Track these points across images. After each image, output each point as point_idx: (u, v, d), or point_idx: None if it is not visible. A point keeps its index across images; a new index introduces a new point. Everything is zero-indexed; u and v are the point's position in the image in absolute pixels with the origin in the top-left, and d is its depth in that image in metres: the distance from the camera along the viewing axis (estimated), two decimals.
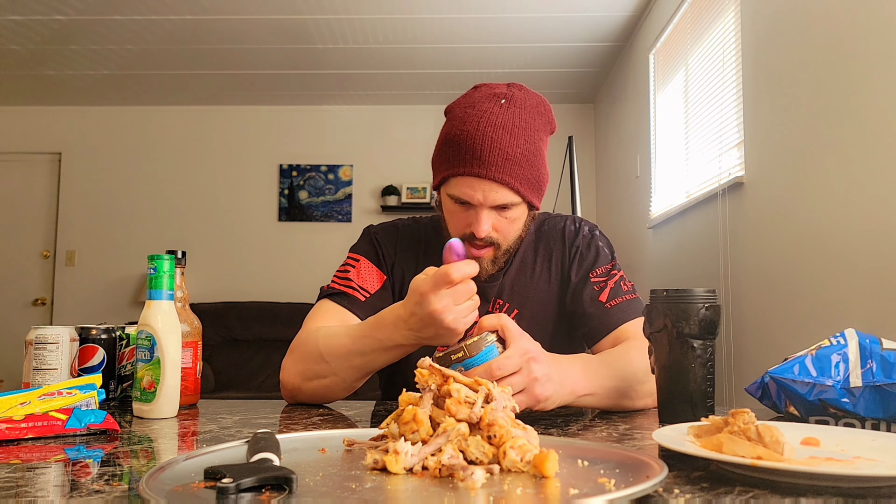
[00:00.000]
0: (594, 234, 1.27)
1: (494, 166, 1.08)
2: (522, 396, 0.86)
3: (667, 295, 0.87)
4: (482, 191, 1.10)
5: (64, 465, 0.68)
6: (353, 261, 1.25)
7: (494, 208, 1.12)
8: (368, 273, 1.23)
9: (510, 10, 3.81)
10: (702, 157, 2.99)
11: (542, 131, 1.15)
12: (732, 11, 2.65)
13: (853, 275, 1.82)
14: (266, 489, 0.53)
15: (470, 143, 1.09)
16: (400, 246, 1.27)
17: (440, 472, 0.58)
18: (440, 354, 0.87)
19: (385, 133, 5.41)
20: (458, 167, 1.11)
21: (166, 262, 1.00)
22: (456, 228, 1.16)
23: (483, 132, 1.09)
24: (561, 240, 1.26)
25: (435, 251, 1.24)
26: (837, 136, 1.90)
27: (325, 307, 1.18)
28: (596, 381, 0.97)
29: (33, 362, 1.04)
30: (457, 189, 1.12)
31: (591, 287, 1.20)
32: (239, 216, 5.37)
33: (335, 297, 1.19)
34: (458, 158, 1.11)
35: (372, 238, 1.28)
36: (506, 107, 1.12)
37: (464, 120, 1.12)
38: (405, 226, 1.31)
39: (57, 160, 5.45)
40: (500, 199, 1.11)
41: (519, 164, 1.10)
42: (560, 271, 1.24)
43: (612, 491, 0.52)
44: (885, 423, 0.87)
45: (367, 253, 1.26)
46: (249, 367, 4.72)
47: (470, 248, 1.14)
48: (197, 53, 4.43)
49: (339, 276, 1.23)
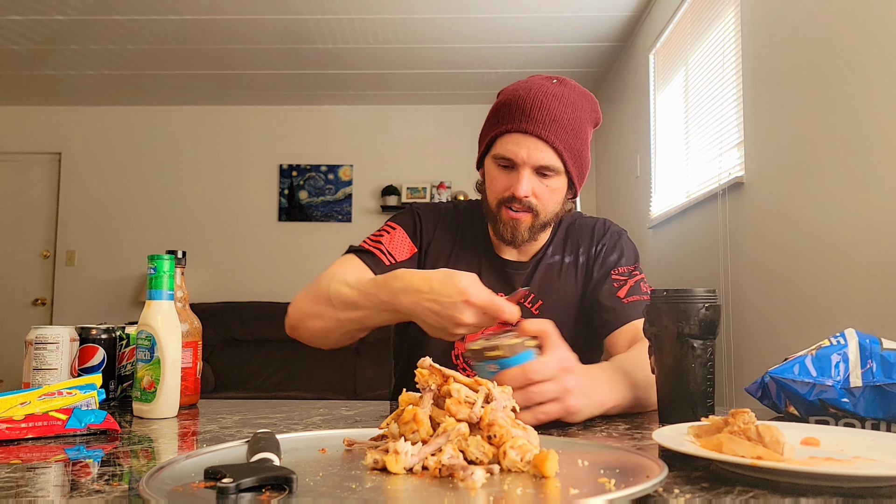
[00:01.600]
0: (621, 235, 1.31)
1: (541, 124, 1.13)
2: (555, 406, 0.84)
3: (667, 295, 0.87)
4: (527, 148, 1.14)
5: (64, 465, 0.68)
6: (389, 228, 1.29)
7: (537, 172, 1.16)
8: (401, 242, 1.26)
9: (510, 10, 3.81)
10: (702, 157, 2.99)
11: (588, 116, 1.20)
12: (732, 11, 2.65)
13: (853, 275, 1.82)
14: (266, 489, 0.53)
15: (520, 103, 1.15)
16: (439, 227, 1.31)
17: (440, 472, 0.58)
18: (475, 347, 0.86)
19: (385, 133, 5.41)
20: (505, 125, 1.16)
21: (166, 262, 1.00)
22: (496, 193, 1.19)
23: (534, 95, 1.15)
24: (589, 237, 1.30)
25: (470, 239, 1.29)
26: (837, 136, 1.90)
27: (350, 260, 1.22)
28: (620, 393, 0.96)
29: (33, 362, 1.04)
30: (502, 147, 1.16)
31: (611, 283, 1.23)
32: (239, 216, 5.37)
33: (361, 253, 1.23)
34: (506, 117, 1.16)
35: (414, 213, 1.32)
36: (557, 84, 1.18)
37: (515, 89, 1.19)
38: (446, 209, 1.35)
39: (57, 160, 5.45)
40: (543, 160, 1.14)
41: (565, 129, 1.15)
42: (585, 267, 1.28)
43: (612, 491, 0.52)
44: (885, 423, 0.87)
45: (405, 225, 1.29)
46: (249, 367, 4.72)
47: (508, 211, 1.18)
48: (197, 53, 4.43)
49: (372, 238, 1.26)
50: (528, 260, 1.28)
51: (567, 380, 0.84)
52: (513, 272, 1.26)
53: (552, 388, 0.83)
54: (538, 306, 1.25)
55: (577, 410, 0.86)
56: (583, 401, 0.87)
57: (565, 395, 0.84)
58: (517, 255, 1.28)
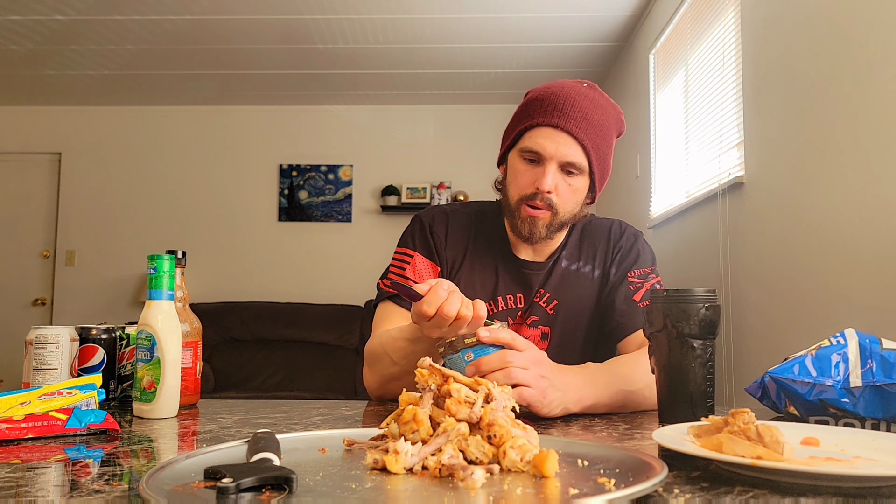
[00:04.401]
0: (637, 237, 1.31)
1: (573, 121, 1.14)
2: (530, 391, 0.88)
3: (667, 295, 0.87)
4: (556, 142, 1.14)
5: (64, 465, 0.68)
6: (406, 256, 1.28)
7: (562, 169, 1.16)
8: (423, 267, 1.26)
9: (510, 10, 3.81)
10: (702, 157, 2.99)
11: (614, 123, 1.21)
12: (732, 11, 2.65)
13: (853, 274, 1.82)
14: (266, 489, 0.53)
15: (552, 98, 1.16)
16: (450, 230, 1.30)
17: (440, 472, 0.58)
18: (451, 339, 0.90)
19: (385, 133, 5.41)
20: (536, 118, 1.16)
21: (166, 262, 1.00)
22: (519, 187, 1.19)
23: (566, 93, 1.17)
24: (606, 238, 1.30)
25: (484, 239, 1.29)
26: (837, 136, 1.90)
27: (388, 310, 1.23)
28: (600, 391, 0.98)
29: (33, 362, 1.04)
30: (531, 140, 1.16)
31: (627, 286, 1.24)
32: (239, 216, 5.37)
33: (396, 298, 1.23)
34: (538, 111, 1.17)
35: (424, 227, 1.30)
36: (588, 88, 1.20)
37: (546, 87, 1.20)
38: (454, 210, 1.34)
39: (57, 160, 5.45)
40: (570, 156, 1.15)
41: (594, 129, 1.16)
42: (602, 268, 1.28)
43: (612, 491, 0.52)
44: (884, 423, 0.87)
45: (420, 246, 1.28)
46: (249, 367, 4.72)
47: (528, 208, 1.18)
48: (197, 53, 4.43)
49: (396, 274, 1.26)
50: (544, 260, 1.28)
51: (542, 369, 0.89)
52: (529, 272, 1.26)
53: (528, 374, 0.88)
54: (553, 306, 1.25)
55: (550, 401, 0.90)
56: (555, 394, 0.91)
57: (539, 381, 0.88)
58: (533, 255, 1.28)
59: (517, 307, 1.25)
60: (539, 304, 1.25)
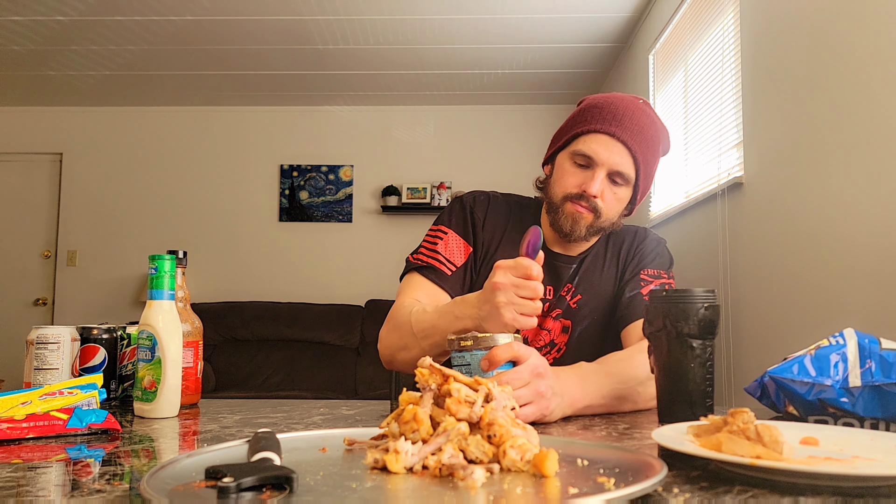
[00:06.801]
0: (659, 242, 1.35)
1: (630, 132, 1.18)
2: (531, 408, 0.89)
3: (666, 295, 0.88)
4: (609, 150, 1.17)
5: (65, 465, 0.68)
6: (440, 233, 1.31)
7: (610, 177, 1.19)
8: (455, 246, 1.29)
9: (510, 10, 3.81)
10: (701, 157, 2.99)
11: (662, 142, 1.25)
12: (732, 11, 2.65)
13: (852, 275, 1.82)
14: (267, 488, 0.53)
15: (611, 108, 1.19)
16: (490, 213, 1.33)
17: (440, 472, 0.58)
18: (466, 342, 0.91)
19: (385, 133, 5.41)
20: (594, 124, 1.19)
21: (167, 262, 1.00)
22: (565, 188, 1.22)
23: (625, 105, 1.20)
24: (631, 239, 1.33)
25: (519, 229, 1.31)
26: (837, 136, 1.90)
27: (415, 281, 1.25)
28: (594, 391, 0.99)
29: (34, 362, 1.04)
30: (585, 145, 1.19)
31: (638, 281, 1.27)
32: (240, 216, 5.37)
33: (423, 270, 1.26)
34: (595, 118, 1.19)
35: (465, 207, 1.33)
36: (644, 104, 1.24)
37: (605, 96, 1.23)
38: (495, 196, 1.37)
39: (58, 160, 5.46)
40: (621, 165, 1.18)
41: (647, 143, 1.20)
42: (623, 267, 1.31)
43: (612, 490, 0.52)
44: (884, 423, 0.87)
45: (456, 224, 1.31)
46: (250, 367, 4.73)
47: (573, 205, 1.21)
48: (198, 54, 4.43)
49: (428, 248, 1.29)
50: (575, 255, 1.31)
51: (539, 384, 0.90)
52: (560, 265, 1.29)
53: (526, 394, 0.88)
54: (577, 300, 1.28)
55: (550, 412, 0.91)
56: (555, 401, 0.92)
57: (539, 399, 0.89)
58: (565, 251, 1.31)
59: (546, 298, 1.27)
60: (565, 298, 1.28)
